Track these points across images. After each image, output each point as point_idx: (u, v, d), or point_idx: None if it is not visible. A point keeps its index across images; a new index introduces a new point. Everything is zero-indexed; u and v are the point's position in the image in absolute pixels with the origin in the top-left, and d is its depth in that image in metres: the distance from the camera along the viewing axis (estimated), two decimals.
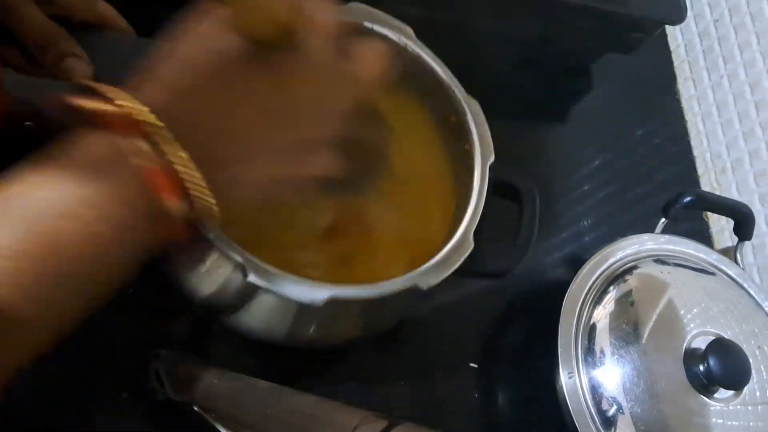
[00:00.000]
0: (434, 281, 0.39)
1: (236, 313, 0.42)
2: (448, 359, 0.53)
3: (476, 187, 0.43)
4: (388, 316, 0.47)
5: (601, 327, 0.50)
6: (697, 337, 0.49)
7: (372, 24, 0.45)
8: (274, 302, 0.39)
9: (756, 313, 0.53)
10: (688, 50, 0.75)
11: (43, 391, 0.41)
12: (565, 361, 0.48)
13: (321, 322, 0.42)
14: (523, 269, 0.57)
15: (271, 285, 0.35)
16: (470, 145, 0.45)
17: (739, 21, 0.68)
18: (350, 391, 0.48)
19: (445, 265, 0.40)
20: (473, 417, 0.51)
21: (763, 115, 0.64)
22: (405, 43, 0.46)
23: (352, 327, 0.45)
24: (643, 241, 0.55)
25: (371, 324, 0.46)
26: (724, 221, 0.67)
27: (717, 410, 0.48)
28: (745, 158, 0.66)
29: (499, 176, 0.45)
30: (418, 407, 0.50)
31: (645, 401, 0.47)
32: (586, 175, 0.65)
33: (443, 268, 0.40)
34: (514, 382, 0.54)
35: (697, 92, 0.73)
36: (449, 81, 0.46)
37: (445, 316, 0.54)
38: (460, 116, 0.46)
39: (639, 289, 0.51)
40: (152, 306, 0.46)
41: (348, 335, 0.46)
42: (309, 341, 0.44)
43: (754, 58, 0.66)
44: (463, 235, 0.41)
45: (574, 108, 0.70)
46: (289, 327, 0.42)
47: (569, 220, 0.62)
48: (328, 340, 0.46)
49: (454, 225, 0.43)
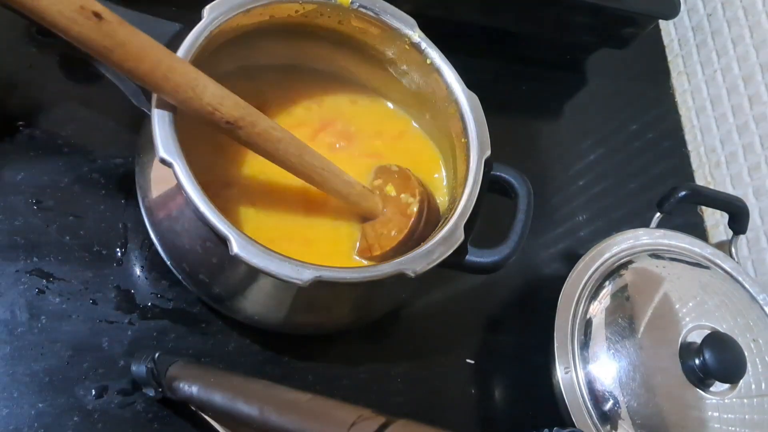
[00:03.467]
0: (420, 269, 0.39)
1: (235, 298, 0.42)
2: (445, 355, 0.53)
3: (470, 180, 0.43)
4: (377, 305, 0.47)
5: (596, 322, 0.50)
6: (693, 331, 0.49)
7: (377, 14, 0.45)
8: (266, 285, 0.40)
9: (751, 306, 0.53)
10: (682, 45, 0.75)
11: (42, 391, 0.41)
12: (561, 356, 0.48)
13: (312, 307, 0.43)
14: (518, 265, 0.58)
15: (257, 261, 0.35)
16: (467, 137, 0.45)
17: (732, 15, 0.68)
18: (347, 388, 0.48)
19: (433, 254, 0.40)
20: (470, 413, 0.52)
21: (757, 108, 0.64)
22: (408, 34, 0.46)
23: (344, 314, 0.45)
24: (638, 236, 0.55)
25: (361, 312, 0.46)
26: (719, 215, 0.67)
27: (713, 403, 0.48)
28: (739, 152, 0.66)
29: (494, 171, 0.45)
30: (414, 403, 0.50)
31: (641, 395, 0.47)
32: (581, 170, 0.65)
33: (431, 256, 0.40)
34: (511, 378, 0.54)
35: (690, 86, 0.73)
36: (450, 73, 0.46)
37: (442, 312, 0.54)
38: (459, 108, 0.46)
39: (634, 284, 0.52)
40: (152, 305, 0.46)
41: (340, 322, 0.46)
42: (303, 326, 0.45)
43: (747, 51, 0.66)
44: (454, 226, 0.41)
45: (568, 103, 0.70)
46: (286, 312, 0.43)
47: (564, 215, 0.62)
48: (321, 327, 0.46)
49: (445, 216, 0.43)
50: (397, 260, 0.39)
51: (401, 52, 0.48)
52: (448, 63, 0.47)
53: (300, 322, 0.45)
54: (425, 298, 0.53)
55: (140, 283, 0.46)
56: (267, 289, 0.41)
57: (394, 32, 0.46)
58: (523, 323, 0.56)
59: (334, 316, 0.45)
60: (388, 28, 0.46)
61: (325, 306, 0.44)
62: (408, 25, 0.46)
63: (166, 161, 0.36)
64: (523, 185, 0.46)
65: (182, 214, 0.40)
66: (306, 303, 0.43)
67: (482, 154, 0.44)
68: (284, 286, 0.39)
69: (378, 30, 0.47)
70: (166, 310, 0.46)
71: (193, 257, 0.41)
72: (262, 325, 0.45)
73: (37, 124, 0.47)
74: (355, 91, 0.52)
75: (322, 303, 0.44)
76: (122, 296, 0.45)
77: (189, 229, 0.40)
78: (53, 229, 0.45)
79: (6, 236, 0.44)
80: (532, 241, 0.45)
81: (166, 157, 0.36)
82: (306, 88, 0.50)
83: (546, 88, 0.69)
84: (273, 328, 0.45)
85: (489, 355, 0.54)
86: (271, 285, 0.40)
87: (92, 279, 0.45)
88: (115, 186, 0.48)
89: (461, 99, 0.46)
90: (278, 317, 0.44)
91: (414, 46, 0.46)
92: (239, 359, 0.46)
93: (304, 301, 0.42)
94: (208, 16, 0.40)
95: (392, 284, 0.40)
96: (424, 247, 0.40)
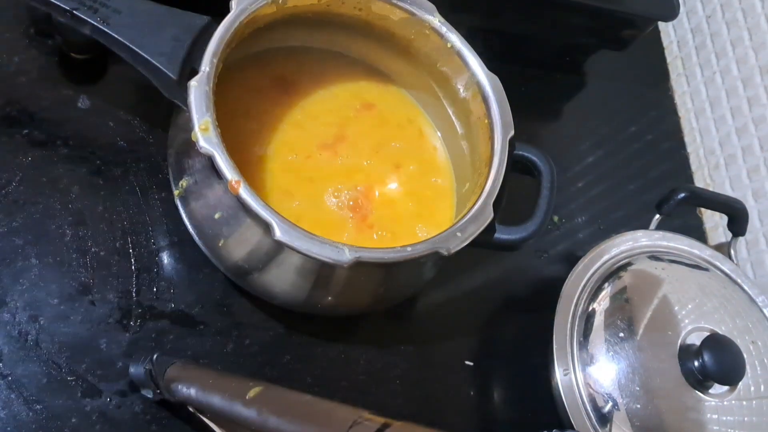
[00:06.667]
0: (454, 247, 0.41)
1: (262, 276, 0.43)
2: (444, 357, 0.53)
3: (496, 160, 0.45)
4: (404, 286, 0.48)
5: (596, 324, 0.50)
6: (692, 333, 0.49)
7: (398, 0, 0.47)
8: (300, 265, 0.41)
9: (750, 308, 0.53)
10: (681, 46, 0.75)
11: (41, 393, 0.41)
12: (560, 357, 0.48)
13: (340, 288, 0.44)
14: (517, 266, 0.58)
15: (299, 245, 0.37)
16: (491, 119, 0.46)
17: (731, 17, 0.68)
18: (345, 390, 0.48)
19: (465, 233, 0.41)
20: (469, 414, 0.52)
21: (756, 110, 0.64)
22: (428, 20, 0.47)
23: (370, 294, 0.46)
24: (637, 238, 0.55)
25: (388, 292, 0.47)
26: (718, 217, 0.67)
27: (712, 406, 0.48)
28: (738, 154, 0.66)
29: (516, 150, 0.47)
30: (413, 405, 0.50)
31: (640, 397, 0.47)
32: (580, 172, 0.65)
33: (463, 235, 0.41)
34: (510, 380, 0.54)
35: (690, 88, 0.73)
36: (471, 56, 0.48)
37: (440, 314, 0.54)
38: (481, 90, 0.47)
39: (633, 286, 0.52)
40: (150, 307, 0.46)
41: (365, 303, 0.47)
42: (326, 308, 0.46)
43: (746, 53, 0.66)
44: (483, 204, 0.43)
45: (567, 105, 0.70)
46: (308, 291, 0.43)
47: (563, 217, 0.62)
48: (346, 307, 0.47)
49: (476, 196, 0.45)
50: (431, 239, 0.40)
51: (421, 38, 0.48)
52: (468, 46, 0.48)
53: (323, 302, 0.45)
54: (425, 299, 0.53)
55: (139, 284, 0.46)
56: (300, 269, 0.42)
57: (415, 18, 0.47)
58: (522, 325, 0.56)
59: (362, 299, 0.47)
60: (409, 13, 0.47)
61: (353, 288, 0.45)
62: (428, 10, 0.47)
63: (206, 151, 0.37)
64: (546, 164, 0.47)
65: (220, 202, 0.41)
66: (336, 282, 0.44)
67: (506, 134, 0.46)
68: (318, 266, 0.40)
69: (398, 16, 0.47)
70: (164, 312, 0.46)
71: (231, 242, 0.42)
72: (283, 304, 0.46)
73: (37, 125, 0.47)
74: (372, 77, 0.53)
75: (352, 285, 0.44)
76: (121, 297, 0.45)
77: (228, 217, 0.41)
78: (52, 229, 0.45)
79: (6, 236, 0.44)
80: (531, 242, 0.46)
81: (207, 147, 0.37)
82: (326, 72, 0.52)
83: (545, 89, 0.69)
84: (293, 308, 0.46)
85: (488, 357, 0.54)
86: (304, 265, 0.41)
87: (91, 280, 0.45)
88: (115, 187, 0.48)
89: (483, 81, 0.47)
90: (301, 296, 0.44)
91: (434, 30, 0.47)
92: (238, 361, 0.46)
93: (333, 280, 0.43)
94: (236, 7, 0.42)
95: (423, 264, 0.42)
96: (455, 226, 0.42)
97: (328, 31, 0.50)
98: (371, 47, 0.51)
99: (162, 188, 0.48)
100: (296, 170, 0.47)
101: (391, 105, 0.53)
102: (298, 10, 0.46)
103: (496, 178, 0.44)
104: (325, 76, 0.51)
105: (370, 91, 0.52)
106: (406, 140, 0.51)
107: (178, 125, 0.44)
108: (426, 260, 0.41)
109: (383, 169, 0.49)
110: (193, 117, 0.38)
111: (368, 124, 0.51)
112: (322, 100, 0.50)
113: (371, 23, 0.49)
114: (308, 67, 0.51)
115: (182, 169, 0.43)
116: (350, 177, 0.48)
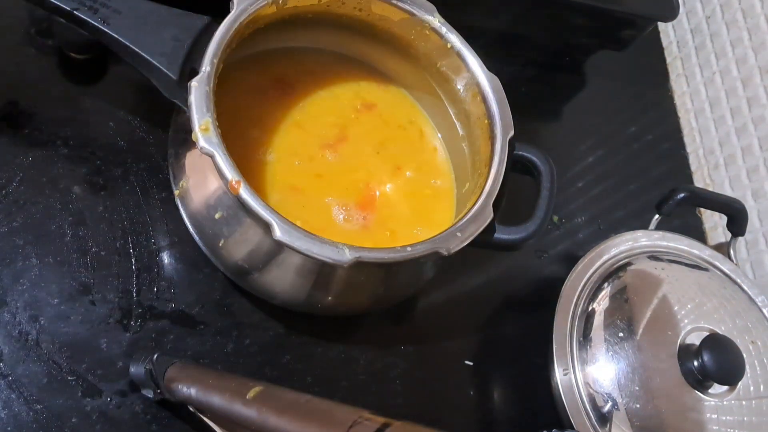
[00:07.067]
0: (454, 247, 0.41)
1: (263, 276, 0.43)
2: (444, 357, 0.53)
3: (496, 160, 0.45)
4: (404, 286, 0.48)
5: (595, 324, 0.50)
6: (692, 333, 0.49)
7: (397, 1, 0.47)
8: (300, 265, 0.41)
9: (749, 308, 0.53)
10: (681, 47, 0.75)
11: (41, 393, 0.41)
12: (559, 357, 0.48)
13: (340, 287, 0.44)
14: (517, 266, 0.58)
15: (300, 245, 0.37)
16: (491, 119, 0.46)
17: (731, 17, 0.68)
18: (345, 390, 0.48)
19: (465, 233, 0.41)
20: (468, 414, 0.52)
21: (756, 111, 0.64)
22: (428, 20, 0.47)
23: (370, 294, 0.46)
24: (637, 238, 0.55)
25: (388, 292, 0.47)
26: (718, 217, 0.67)
27: (711, 405, 0.48)
28: (737, 154, 0.66)
29: (516, 150, 0.47)
30: (413, 405, 0.50)
31: (640, 397, 0.47)
32: (580, 172, 0.65)
33: (463, 235, 0.41)
34: (510, 380, 0.54)
35: (689, 88, 0.73)
36: (471, 56, 0.48)
37: (440, 314, 0.54)
38: (481, 90, 0.47)
39: (633, 286, 0.52)
40: (150, 306, 0.46)
41: (365, 303, 0.47)
42: (326, 308, 0.46)
43: (746, 54, 0.66)
44: (483, 204, 0.43)
45: (567, 105, 0.70)
46: (308, 291, 0.43)
47: (563, 217, 0.62)
48: (346, 307, 0.47)
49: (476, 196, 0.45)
50: (431, 239, 0.40)
51: (421, 38, 0.48)
52: (468, 47, 0.48)
53: (323, 302, 0.45)
54: (425, 299, 0.53)
55: (139, 283, 0.46)
56: (300, 269, 0.42)
57: (415, 18, 0.47)
58: (522, 325, 0.56)
59: (361, 299, 0.47)
60: (409, 13, 0.47)
61: (353, 288, 0.45)
62: (428, 10, 0.47)
63: (206, 151, 0.37)
64: (546, 163, 0.47)
65: (220, 202, 0.41)
66: (336, 282, 0.44)
67: (506, 134, 0.46)
68: (318, 266, 0.41)
69: (398, 16, 0.48)
70: (164, 312, 0.46)
71: (231, 242, 0.42)
72: (283, 304, 0.46)
73: (37, 125, 0.47)
74: (372, 77, 0.53)
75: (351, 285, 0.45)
76: (121, 297, 0.45)
77: (228, 217, 0.41)
78: (52, 229, 0.45)
79: (6, 236, 0.44)
80: (531, 242, 0.46)
81: (207, 147, 0.37)
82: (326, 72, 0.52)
83: (545, 89, 0.69)
84: (293, 307, 0.46)
85: (488, 357, 0.54)
86: (304, 265, 0.41)
87: (91, 280, 0.45)
88: (115, 187, 0.48)
89: (483, 81, 0.47)
90: (301, 296, 0.44)
91: (434, 30, 0.48)
92: (238, 360, 0.46)
93: (333, 280, 0.43)
94: (237, 8, 0.42)
95: (422, 264, 0.42)
96: (455, 226, 0.42)
97: (328, 31, 0.50)
98: (371, 47, 0.51)
99: (162, 188, 0.48)
100: (297, 171, 0.47)
101: (392, 105, 0.53)
102: (298, 11, 0.46)
103: (496, 178, 0.44)
104: (325, 76, 0.51)
105: (370, 92, 0.52)
106: (406, 141, 0.52)
107: (178, 125, 0.44)
108: (426, 260, 0.41)
109: (384, 170, 0.49)
110: (194, 117, 0.38)
111: (369, 124, 0.51)
112: (322, 101, 0.50)
113: (371, 24, 0.49)
114: (309, 68, 0.51)
115: (182, 169, 0.44)
116: (351, 177, 0.48)
